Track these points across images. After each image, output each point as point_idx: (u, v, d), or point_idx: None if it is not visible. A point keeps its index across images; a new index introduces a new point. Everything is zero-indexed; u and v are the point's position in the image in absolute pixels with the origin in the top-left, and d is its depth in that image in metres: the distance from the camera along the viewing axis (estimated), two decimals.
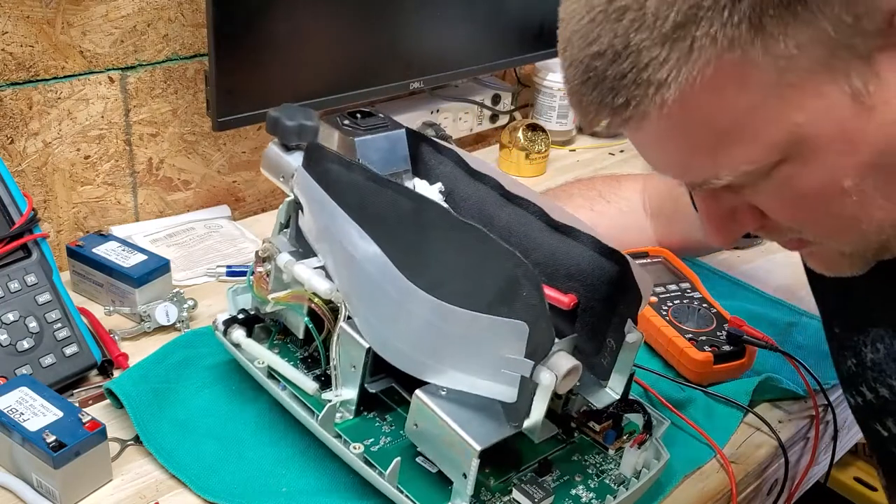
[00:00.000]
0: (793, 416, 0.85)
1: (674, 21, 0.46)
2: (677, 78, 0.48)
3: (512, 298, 0.61)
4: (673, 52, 0.47)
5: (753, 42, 0.46)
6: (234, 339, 0.77)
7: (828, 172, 0.51)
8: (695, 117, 0.50)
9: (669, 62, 0.47)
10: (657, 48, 0.47)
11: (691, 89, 0.48)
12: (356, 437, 0.69)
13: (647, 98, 0.49)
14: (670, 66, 0.47)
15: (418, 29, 1.18)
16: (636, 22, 0.47)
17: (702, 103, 0.49)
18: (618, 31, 0.48)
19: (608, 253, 0.68)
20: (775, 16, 0.46)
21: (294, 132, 0.77)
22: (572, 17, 0.51)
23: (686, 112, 0.50)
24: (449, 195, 0.78)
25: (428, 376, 0.65)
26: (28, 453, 0.67)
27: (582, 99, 0.52)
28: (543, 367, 0.60)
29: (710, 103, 0.49)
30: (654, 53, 0.47)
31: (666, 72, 0.47)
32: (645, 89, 0.48)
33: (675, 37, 0.47)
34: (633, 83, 0.49)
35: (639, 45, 0.47)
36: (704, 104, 0.49)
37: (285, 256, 0.73)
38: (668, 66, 0.47)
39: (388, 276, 0.64)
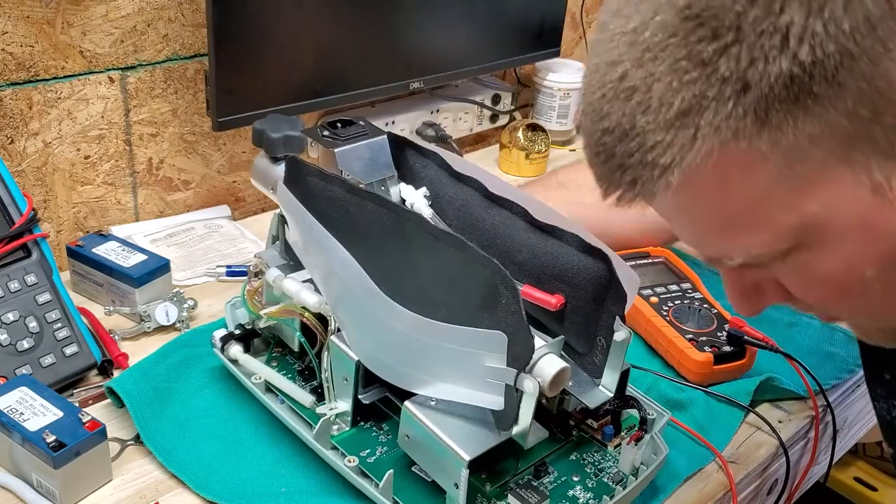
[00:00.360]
0: (793, 417, 0.85)
1: (678, 108, 0.46)
2: (681, 163, 0.47)
3: (493, 306, 0.61)
4: (677, 137, 0.46)
5: (759, 134, 0.45)
6: (230, 355, 0.77)
7: (846, 261, 0.50)
8: (702, 201, 0.49)
9: (673, 147, 0.47)
10: (662, 132, 0.47)
11: (696, 175, 0.47)
12: (353, 449, 0.69)
13: (653, 180, 0.48)
14: (674, 151, 0.47)
15: (418, 29, 1.18)
16: (643, 105, 0.47)
17: (708, 189, 0.48)
18: (626, 110, 0.48)
19: (592, 251, 0.68)
20: (782, 109, 0.45)
21: (279, 143, 0.77)
22: (588, 89, 0.50)
23: (693, 196, 0.49)
24: (434, 199, 0.79)
25: (416, 388, 0.65)
26: (28, 453, 0.67)
27: (596, 170, 0.52)
28: (527, 375, 0.60)
29: (716, 190, 0.48)
30: (659, 137, 0.47)
31: (670, 156, 0.47)
32: (650, 171, 0.48)
33: (679, 124, 0.46)
34: (639, 163, 0.48)
35: (644, 128, 0.47)
36: (710, 190, 0.48)
37: (274, 271, 0.74)
38: (671, 151, 0.47)
39: (368, 292, 0.65)
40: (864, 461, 1.72)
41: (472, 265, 0.62)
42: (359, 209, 0.70)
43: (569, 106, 1.44)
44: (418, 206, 0.78)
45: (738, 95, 0.44)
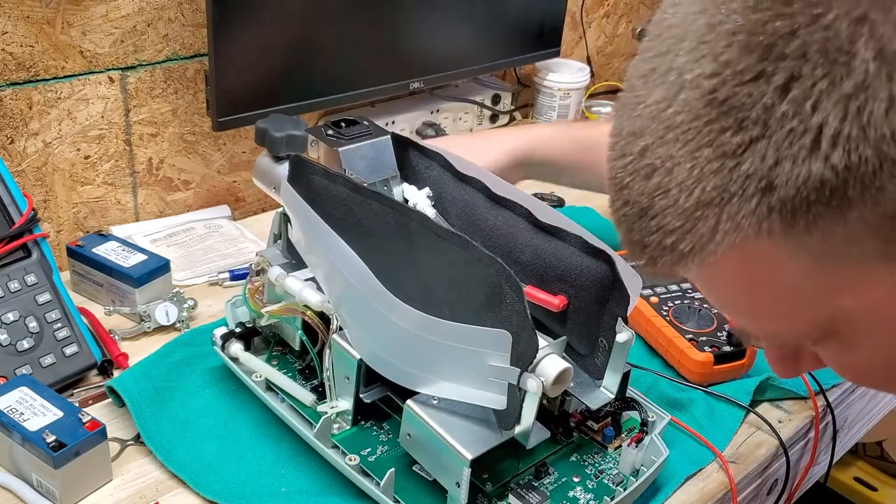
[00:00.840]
0: (793, 416, 0.85)
1: (698, 198, 0.42)
2: (701, 252, 0.43)
3: (498, 305, 0.62)
4: (697, 227, 0.43)
5: (784, 235, 0.41)
6: (231, 353, 0.77)
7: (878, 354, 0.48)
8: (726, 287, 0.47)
9: (693, 236, 0.43)
10: (681, 219, 0.43)
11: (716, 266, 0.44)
12: (354, 448, 0.69)
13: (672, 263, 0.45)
14: (693, 240, 0.43)
15: (418, 29, 1.18)
16: (661, 188, 0.43)
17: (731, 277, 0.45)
18: (645, 189, 0.44)
19: (595, 253, 0.68)
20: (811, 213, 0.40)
21: (282, 143, 0.77)
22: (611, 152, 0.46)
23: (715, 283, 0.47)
24: (437, 199, 0.79)
25: (418, 386, 0.65)
26: (28, 453, 0.67)
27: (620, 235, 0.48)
28: (530, 374, 0.60)
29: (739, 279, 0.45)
30: (678, 223, 0.43)
31: (689, 245, 0.43)
32: (669, 254, 0.45)
33: (699, 214, 0.42)
34: (657, 245, 0.45)
35: (663, 211, 0.43)
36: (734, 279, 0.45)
37: (276, 270, 0.74)
38: (690, 239, 0.43)
39: (372, 290, 0.65)
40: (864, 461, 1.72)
41: (476, 264, 0.62)
42: (363, 208, 0.70)
43: (569, 106, 1.44)
44: (421, 206, 0.78)
45: (762, 194, 0.40)
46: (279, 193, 0.77)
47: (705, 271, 0.45)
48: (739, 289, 0.46)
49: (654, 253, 0.45)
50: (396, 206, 0.68)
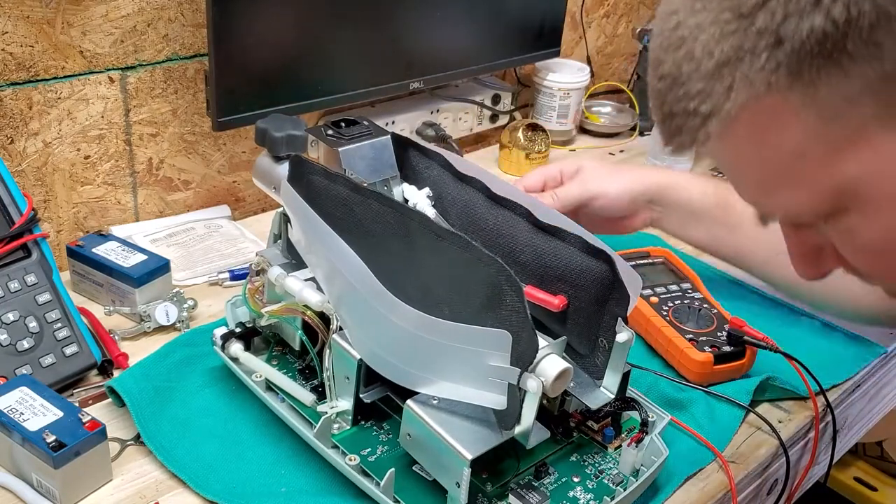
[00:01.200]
0: (793, 417, 0.85)
1: (718, 59, 0.47)
2: (718, 113, 0.49)
3: (498, 305, 0.62)
4: (716, 87, 0.48)
5: (791, 88, 0.46)
6: (231, 353, 0.77)
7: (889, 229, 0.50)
8: (742, 154, 0.51)
9: (712, 97, 0.48)
10: (703, 81, 0.48)
11: (733, 127, 0.49)
12: (354, 448, 0.69)
13: (695, 128, 0.50)
14: (713, 101, 0.48)
15: (418, 29, 1.18)
16: (689, 54, 0.48)
17: (746, 142, 0.50)
18: (675, 58, 0.49)
19: (595, 252, 0.68)
20: (815, 65, 0.45)
21: (282, 143, 0.78)
22: (652, 38, 0.53)
23: (733, 148, 0.51)
24: (437, 199, 0.79)
25: (418, 386, 0.65)
26: (28, 453, 0.67)
27: (656, 119, 0.54)
28: (530, 374, 0.60)
29: (753, 143, 0.50)
30: (700, 86, 0.48)
31: (709, 106, 0.49)
32: (693, 119, 0.50)
33: (718, 74, 0.48)
34: (683, 111, 0.50)
35: (689, 76, 0.49)
36: (748, 143, 0.50)
37: (276, 270, 0.74)
38: (711, 100, 0.48)
39: (372, 290, 0.65)
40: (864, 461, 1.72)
41: (476, 264, 0.62)
42: (363, 208, 0.70)
43: (569, 106, 1.44)
44: (421, 206, 0.78)
45: (771, 49, 0.46)
46: (279, 193, 0.77)
47: (723, 144, 0.50)
48: (753, 156, 0.50)
49: (681, 121, 0.50)
50: (396, 206, 0.68)
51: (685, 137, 0.51)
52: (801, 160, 0.49)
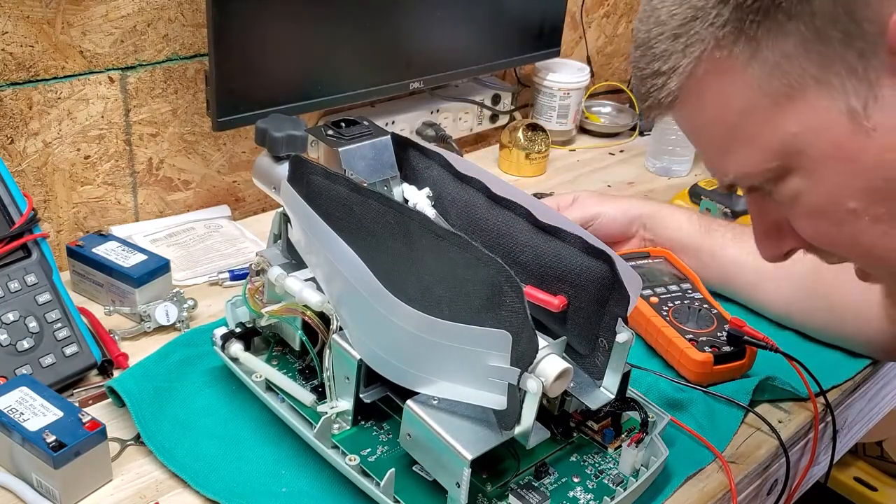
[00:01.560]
0: (793, 417, 0.85)
1: (679, 20, 0.52)
2: (676, 69, 0.53)
3: (497, 305, 0.61)
4: (674, 46, 0.53)
5: (736, 43, 0.51)
6: (231, 353, 0.77)
7: (830, 193, 0.53)
8: (699, 113, 0.55)
9: (672, 56, 0.53)
10: (665, 42, 0.53)
11: (690, 85, 0.54)
12: (354, 448, 0.69)
13: (657, 88, 0.55)
14: (673, 59, 0.53)
15: (418, 29, 1.18)
16: (658, 21, 0.54)
17: (701, 99, 0.54)
18: (648, 26, 0.55)
19: (595, 253, 0.68)
20: (755, 21, 0.50)
21: (282, 143, 0.78)
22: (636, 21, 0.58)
23: (693, 110, 0.55)
24: (437, 199, 0.79)
25: (418, 387, 0.65)
26: (28, 453, 0.67)
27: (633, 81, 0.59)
28: (530, 374, 0.60)
29: (707, 100, 0.54)
30: (663, 47, 0.54)
31: (669, 64, 0.53)
32: (655, 79, 0.55)
33: (678, 33, 0.53)
34: (651, 74, 0.55)
35: (656, 39, 0.54)
36: (703, 100, 0.54)
37: (276, 270, 0.74)
38: (671, 60, 0.53)
39: (372, 290, 0.65)
40: (864, 461, 1.72)
41: (476, 264, 0.62)
42: (362, 208, 0.70)
43: (569, 106, 1.44)
44: (421, 206, 0.78)
45: (720, 6, 0.51)
46: (279, 193, 0.77)
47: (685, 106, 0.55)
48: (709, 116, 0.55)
49: (649, 83, 0.56)
50: (396, 206, 0.68)
51: (653, 99, 0.56)
52: (747, 117, 0.53)
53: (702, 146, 0.59)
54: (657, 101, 0.56)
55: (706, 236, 0.97)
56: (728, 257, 0.95)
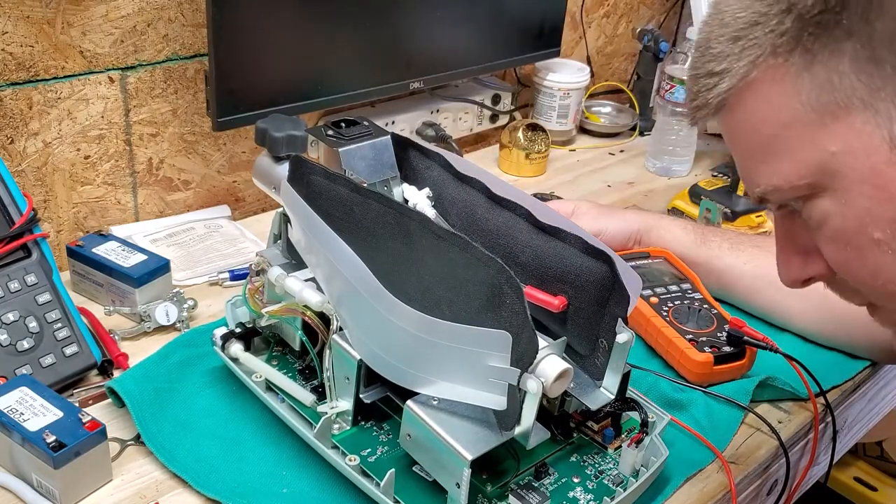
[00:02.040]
0: (793, 417, 0.85)
1: (742, 23, 0.53)
2: (729, 71, 0.54)
3: (497, 306, 0.61)
4: (733, 48, 0.54)
5: (791, 53, 0.51)
6: (231, 353, 0.77)
7: (859, 216, 0.53)
8: (744, 119, 0.56)
9: (728, 58, 0.54)
10: (725, 44, 0.54)
11: (739, 88, 0.54)
12: (354, 448, 0.69)
13: (708, 88, 0.55)
14: (728, 61, 0.54)
15: (418, 29, 1.18)
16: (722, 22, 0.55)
17: (748, 105, 0.55)
18: (711, 28, 0.56)
19: (595, 253, 0.68)
20: (814, 34, 0.50)
21: (282, 143, 0.78)
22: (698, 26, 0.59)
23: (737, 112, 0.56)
24: (437, 200, 0.79)
25: (418, 387, 0.65)
26: (28, 453, 0.67)
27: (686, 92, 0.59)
28: (530, 375, 0.60)
29: (755, 106, 0.54)
30: (721, 48, 0.54)
31: (724, 65, 0.54)
32: (708, 79, 0.55)
33: (738, 35, 0.54)
34: (704, 73, 0.56)
35: (717, 40, 0.55)
36: (750, 106, 0.54)
37: (276, 270, 0.74)
38: (726, 60, 0.54)
39: (372, 290, 0.65)
40: (864, 461, 1.72)
41: (476, 265, 0.62)
42: (362, 208, 0.70)
43: (569, 106, 1.44)
44: (421, 206, 0.78)
45: (783, 15, 0.51)
46: (279, 193, 0.77)
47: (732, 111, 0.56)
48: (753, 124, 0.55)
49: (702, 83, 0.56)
50: (396, 207, 0.68)
51: (702, 99, 0.56)
52: (790, 129, 0.53)
53: (739, 154, 0.59)
54: (705, 102, 0.56)
55: (702, 248, 0.97)
56: (725, 266, 0.96)
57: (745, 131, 0.56)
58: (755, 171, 0.57)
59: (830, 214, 0.54)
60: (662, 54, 1.49)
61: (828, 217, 0.55)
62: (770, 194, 0.57)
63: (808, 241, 0.58)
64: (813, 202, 0.55)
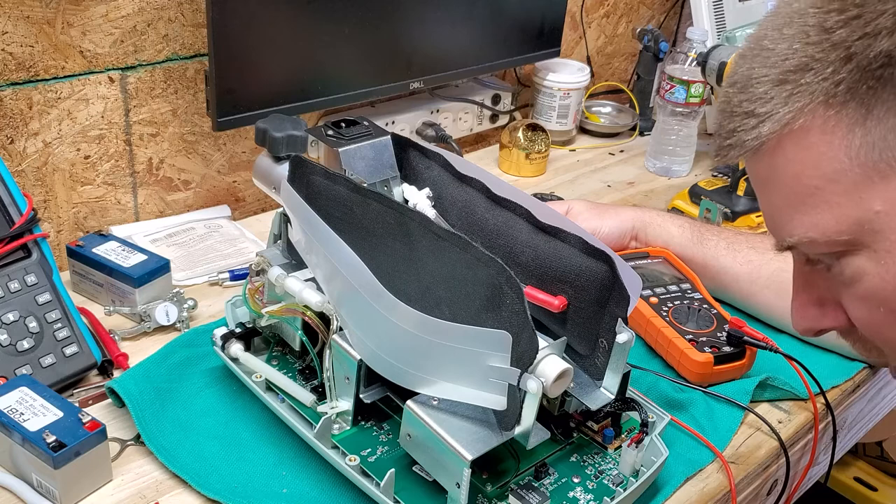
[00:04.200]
0: (793, 417, 0.85)
1: (791, 65, 0.50)
2: (772, 115, 0.51)
3: (497, 306, 0.61)
4: (779, 92, 0.51)
5: (846, 105, 0.49)
6: (231, 353, 0.77)
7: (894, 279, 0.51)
8: (782, 167, 0.53)
9: (773, 100, 0.51)
10: (769, 85, 0.51)
11: (784, 133, 0.51)
12: (354, 448, 0.69)
13: (747, 130, 0.52)
14: (772, 103, 0.51)
15: (418, 29, 1.18)
16: (766, 59, 0.52)
17: (789, 152, 0.52)
18: (752, 63, 0.53)
19: (595, 253, 0.68)
20: (873, 88, 0.48)
21: (282, 143, 0.78)
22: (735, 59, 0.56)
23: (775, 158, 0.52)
24: (437, 200, 0.79)
25: (418, 387, 0.65)
26: (28, 453, 0.67)
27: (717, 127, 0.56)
28: (530, 375, 0.60)
29: (795, 155, 0.51)
30: (765, 89, 0.51)
31: (767, 108, 0.51)
32: (748, 119, 0.52)
33: (785, 79, 0.50)
34: (743, 113, 0.53)
35: (760, 79, 0.52)
36: (791, 154, 0.52)
37: (277, 270, 0.74)
38: (770, 103, 0.51)
39: (372, 291, 0.65)
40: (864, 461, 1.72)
41: (476, 265, 0.62)
42: (362, 208, 0.70)
43: (569, 106, 1.44)
44: (421, 206, 0.78)
45: (840, 63, 0.48)
46: (279, 193, 0.77)
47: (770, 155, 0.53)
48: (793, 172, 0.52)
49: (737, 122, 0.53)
50: (396, 207, 0.68)
51: (737, 139, 0.53)
52: (834, 184, 0.50)
53: (771, 200, 0.55)
54: (741, 142, 0.53)
55: (698, 246, 0.97)
56: (722, 267, 0.95)
57: (783, 178, 0.53)
58: (788, 220, 0.54)
59: (866, 273, 0.52)
60: (662, 54, 1.49)
61: (863, 276, 0.52)
62: (804, 246, 0.54)
63: (829, 293, 0.57)
64: (848, 259, 0.52)
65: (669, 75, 1.33)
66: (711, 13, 1.46)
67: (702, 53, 1.25)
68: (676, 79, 1.32)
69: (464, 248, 0.63)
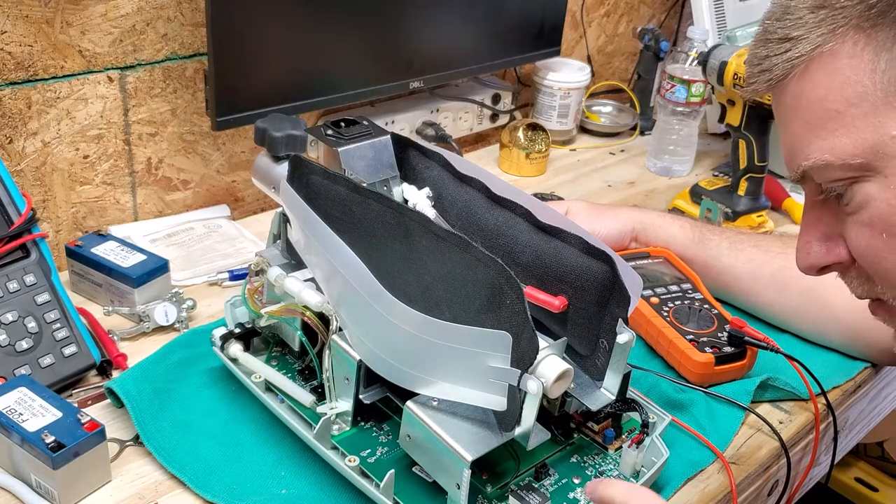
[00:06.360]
0: (794, 417, 0.84)
1: None
2: (806, 38, 0.53)
3: (497, 306, 0.61)
4: (813, 16, 0.53)
5: (876, 28, 0.51)
6: (230, 353, 0.77)
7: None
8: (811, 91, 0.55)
9: (806, 24, 0.54)
10: (803, 11, 0.54)
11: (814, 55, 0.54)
12: (353, 449, 0.69)
13: (780, 54, 0.55)
14: (807, 27, 0.54)
15: (418, 29, 1.18)
16: None
17: (816, 76, 0.55)
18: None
19: (596, 253, 0.68)
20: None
21: (282, 142, 0.77)
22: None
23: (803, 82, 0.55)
24: (437, 200, 0.79)
25: (418, 387, 0.65)
26: (27, 454, 0.67)
27: (750, 56, 0.58)
28: (530, 376, 0.60)
29: (822, 78, 0.54)
30: (800, 14, 0.54)
31: (802, 31, 0.54)
32: (782, 44, 0.55)
33: (822, 4, 0.53)
34: (777, 39, 0.55)
35: (796, 7, 0.54)
36: (820, 78, 0.54)
37: (276, 270, 0.74)
38: (805, 27, 0.54)
39: (372, 291, 0.65)
40: (864, 462, 1.72)
41: (476, 265, 0.62)
42: (362, 208, 0.70)
43: (569, 105, 1.44)
44: (421, 206, 0.78)
45: None
46: (278, 193, 0.77)
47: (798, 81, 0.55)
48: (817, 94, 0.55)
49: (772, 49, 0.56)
50: (396, 207, 0.68)
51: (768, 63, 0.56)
52: (855, 107, 0.53)
53: (792, 126, 0.58)
54: (771, 66, 0.56)
55: (700, 246, 0.96)
56: (724, 266, 0.95)
57: (808, 104, 0.55)
58: (807, 144, 0.56)
59: (873, 199, 0.54)
60: (663, 53, 1.49)
61: (870, 201, 0.55)
62: (817, 170, 0.57)
63: (835, 228, 0.59)
64: (858, 185, 0.55)
65: (670, 75, 1.33)
66: (712, 12, 1.46)
67: (702, 53, 1.25)
68: (677, 78, 1.32)
69: (464, 248, 0.63)
